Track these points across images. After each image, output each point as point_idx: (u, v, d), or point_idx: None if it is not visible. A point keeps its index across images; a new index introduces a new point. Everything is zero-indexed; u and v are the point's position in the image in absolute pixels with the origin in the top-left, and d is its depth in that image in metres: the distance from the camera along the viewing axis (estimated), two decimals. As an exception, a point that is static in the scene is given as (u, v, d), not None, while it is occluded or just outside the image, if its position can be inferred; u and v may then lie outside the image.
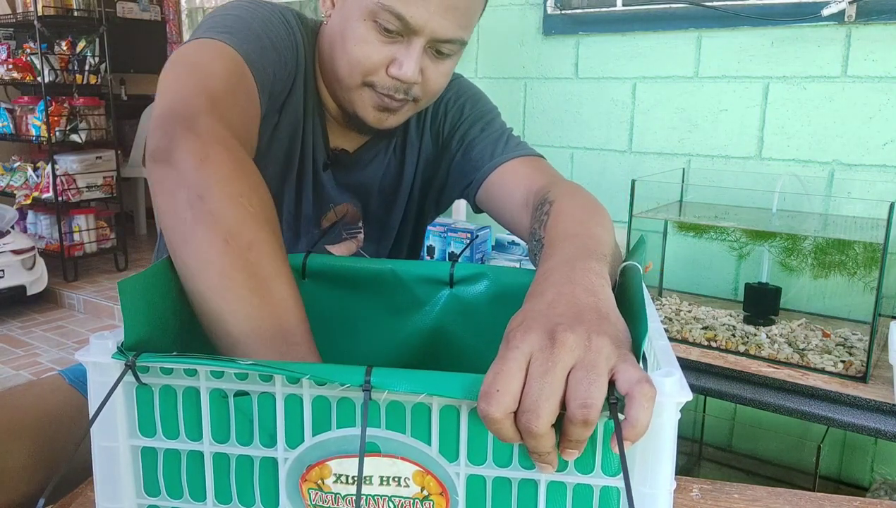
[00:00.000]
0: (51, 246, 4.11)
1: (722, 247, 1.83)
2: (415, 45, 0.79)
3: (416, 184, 1.00)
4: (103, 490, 0.49)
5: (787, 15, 1.73)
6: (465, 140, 0.94)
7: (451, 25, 0.78)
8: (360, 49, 0.80)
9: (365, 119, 0.85)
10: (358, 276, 0.79)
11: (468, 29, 0.82)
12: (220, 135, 0.62)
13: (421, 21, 0.77)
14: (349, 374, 0.43)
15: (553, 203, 0.75)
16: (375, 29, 0.78)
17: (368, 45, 0.79)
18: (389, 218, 1.00)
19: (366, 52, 0.80)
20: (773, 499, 0.73)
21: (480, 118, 0.96)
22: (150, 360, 0.46)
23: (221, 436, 0.48)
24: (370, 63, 0.80)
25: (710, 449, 1.94)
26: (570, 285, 0.50)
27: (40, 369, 3.01)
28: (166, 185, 0.60)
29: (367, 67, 0.80)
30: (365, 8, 0.78)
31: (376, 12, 0.77)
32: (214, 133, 0.62)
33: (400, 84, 0.81)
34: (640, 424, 0.40)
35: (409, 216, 1.02)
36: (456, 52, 0.83)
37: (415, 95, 0.84)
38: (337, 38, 0.83)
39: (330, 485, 0.46)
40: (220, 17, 0.79)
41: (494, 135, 0.94)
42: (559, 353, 0.42)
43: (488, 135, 0.94)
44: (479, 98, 0.99)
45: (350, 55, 0.81)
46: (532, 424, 0.40)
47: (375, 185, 0.98)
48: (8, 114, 4.16)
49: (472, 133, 0.94)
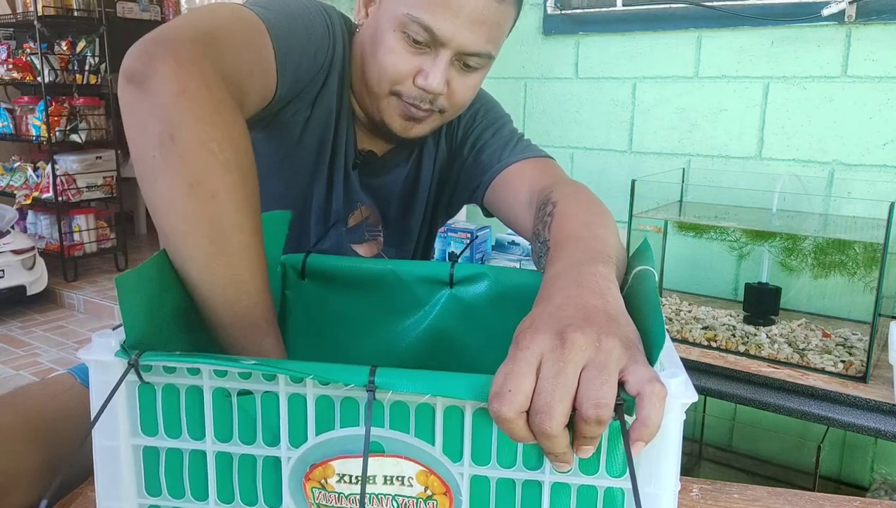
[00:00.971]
0: (51, 246, 4.11)
1: (722, 247, 1.83)
2: (441, 57, 0.80)
3: (432, 189, 1.02)
4: (104, 490, 0.49)
5: (787, 15, 1.73)
6: (476, 145, 0.97)
7: (478, 39, 0.79)
8: (389, 58, 0.81)
9: (391, 127, 0.87)
10: (357, 277, 0.79)
11: (496, 43, 0.83)
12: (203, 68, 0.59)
13: (448, 33, 0.78)
14: (353, 374, 0.43)
15: (556, 204, 0.75)
16: (404, 39, 0.80)
17: (396, 55, 0.81)
18: (408, 223, 1.01)
19: (393, 62, 0.81)
20: (773, 499, 0.73)
21: (492, 124, 0.98)
22: (153, 359, 0.46)
23: (224, 435, 0.48)
24: (397, 72, 0.81)
25: (710, 449, 1.94)
26: (579, 288, 0.51)
27: (40, 369, 3.01)
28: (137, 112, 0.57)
29: (394, 76, 0.82)
30: (395, 18, 0.79)
31: (405, 23, 0.78)
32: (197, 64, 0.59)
33: (426, 94, 0.82)
34: (652, 423, 0.40)
35: (425, 221, 1.03)
36: (484, 65, 0.84)
37: (440, 106, 0.85)
38: (367, 47, 0.84)
39: (333, 485, 0.46)
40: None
41: (504, 139, 0.96)
42: (570, 354, 0.42)
43: (498, 140, 0.96)
44: (493, 105, 1.01)
45: (379, 64, 0.82)
46: (546, 425, 0.40)
47: (395, 191, 0.99)
48: (8, 114, 4.16)
49: (483, 138, 0.96)
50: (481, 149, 0.96)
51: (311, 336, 0.81)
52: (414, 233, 1.02)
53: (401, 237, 1.02)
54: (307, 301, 0.80)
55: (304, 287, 0.80)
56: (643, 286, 0.58)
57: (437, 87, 0.81)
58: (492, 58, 0.83)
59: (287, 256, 0.80)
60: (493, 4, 0.78)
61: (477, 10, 0.77)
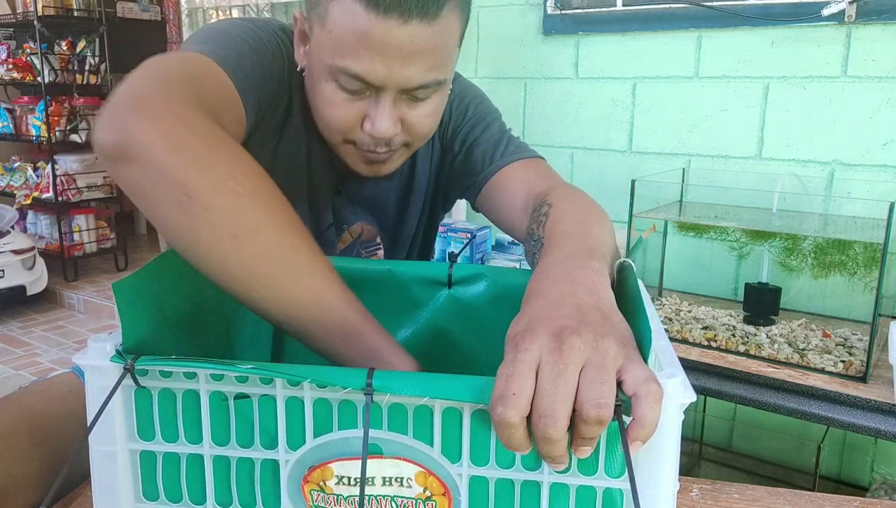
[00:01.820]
0: (51, 246, 4.11)
1: (722, 247, 1.83)
2: (383, 100, 0.74)
3: (429, 189, 0.99)
4: (101, 495, 0.49)
5: (787, 15, 1.73)
6: (466, 141, 0.94)
7: (417, 72, 0.72)
8: (330, 111, 0.76)
9: (358, 171, 0.83)
10: (356, 276, 0.79)
11: (442, 67, 0.75)
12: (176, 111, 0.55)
13: (380, 77, 0.71)
14: (351, 377, 0.43)
15: (552, 205, 0.75)
16: (339, 88, 0.73)
17: (337, 107, 0.75)
18: (403, 227, 1.00)
19: (335, 114, 0.76)
20: (773, 499, 0.73)
21: (482, 119, 0.95)
22: (149, 363, 0.46)
23: (222, 439, 0.48)
24: (343, 123, 0.76)
25: (710, 449, 1.94)
26: (572, 284, 0.50)
27: (40, 369, 3.01)
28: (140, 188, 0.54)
29: (341, 128, 0.77)
30: (324, 69, 0.73)
31: (334, 73, 0.72)
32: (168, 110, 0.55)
33: (378, 139, 0.77)
34: (649, 423, 0.40)
35: (422, 221, 1.02)
36: (436, 91, 0.77)
37: (402, 142, 0.80)
38: (310, 94, 0.79)
39: (332, 487, 0.46)
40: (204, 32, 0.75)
41: (495, 137, 0.93)
42: (568, 356, 0.42)
43: (489, 137, 0.93)
44: (483, 99, 0.98)
45: (321, 117, 0.78)
46: (550, 429, 0.40)
47: (391, 198, 0.97)
48: (8, 114, 4.16)
49: (473, 134, 0.94)
50: (472, 146, 0.93)
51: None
52: (409, 236, 1.00)
53: (395, 241, 1.00)
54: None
55: None
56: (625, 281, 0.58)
57: (387, 132, 0.75)
58: (442, 82, 0.76)
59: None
60: (423, 30, 0.69)
61: (405, 43, 0.69)
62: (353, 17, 0.68)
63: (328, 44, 0.71)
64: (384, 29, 0.68)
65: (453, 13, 0.72)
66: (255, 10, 4.16)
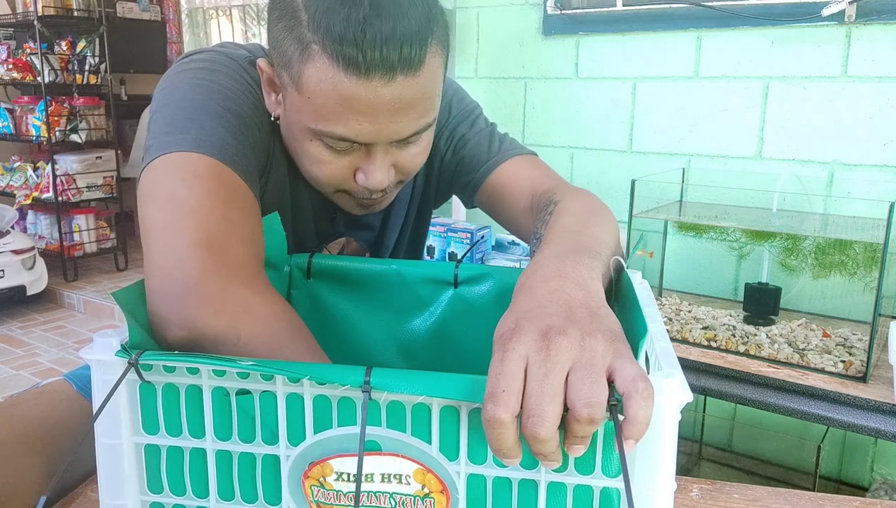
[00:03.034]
0: (51, 246, 4.11)
1: (722, 247, 1.83)
2: (374, 153, 0.71)
3: (413, 196, 0.97)
4: (107, 488, 0.49)
5: (787, 15, 1.73)
6: (453, 137, 0.92)
7: (407, 125, 0.69)
8: (318, 169, 0.73)
9: (352, 213, 0.81)
10: (362, 276, 0.79)
11: (432, 111, 0.72)
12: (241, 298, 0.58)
13: (370, 136, 0.68)
14: (349, 375, 0.43)
15: (558, 204, 0.74)
16: (325, 147, 0.70)
17: (325, 166, 0.72)
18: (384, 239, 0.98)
19: (325, 172, 0.73)
20: (773, 499, 0.73)
21: (467, 116, 0.93)
22: (153, 358, 0.46)
23: (224, 434, 0.48)
24: (333, 180, 0.74)
25: (710, 449, 1.94)
26: (560, 279, 0.50)
27: (40, 369, 3.01)
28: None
29: (332, 182, 0.74)
30: (306, 130, 0.70)
31: (319, 135, 0.69)
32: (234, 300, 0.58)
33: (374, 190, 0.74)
34: (640, 422, 0.40)
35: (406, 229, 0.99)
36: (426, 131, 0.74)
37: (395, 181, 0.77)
38: (291, 148, 0.76)
39: (332, 483, 0.47)
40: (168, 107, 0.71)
41: (485, 131, 0.92)
42: (555, 355, 0.42)
43: (478, 133, 0.91)
44: (462, 94, 0.96)
45: (310, 175, 0.75)
46: (538, 428, 0.40)
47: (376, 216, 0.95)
48: (8, 114, 4.16)
49: (460, 130, 0.92)
50: (462, 143, 0.91)
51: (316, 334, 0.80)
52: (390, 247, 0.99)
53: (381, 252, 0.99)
54: (313, 300, 0.80)
55: (310, 286, 0.80)
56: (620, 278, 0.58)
57: (381, 184, 0.73)
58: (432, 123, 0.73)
59: (293, 256, 0.80)
60: (408, 84, 0.66)
61: (392, 99, 0.65)
62: (333, 84, 0.64)
63: (308, 110, 0.68)
64: (368, 91, 0.64)
65: (436, 56, 0.68)
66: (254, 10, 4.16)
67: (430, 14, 0.67)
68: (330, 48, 0.63)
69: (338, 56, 0.63)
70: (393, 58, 0.63)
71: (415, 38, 0.64)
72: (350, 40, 0.62)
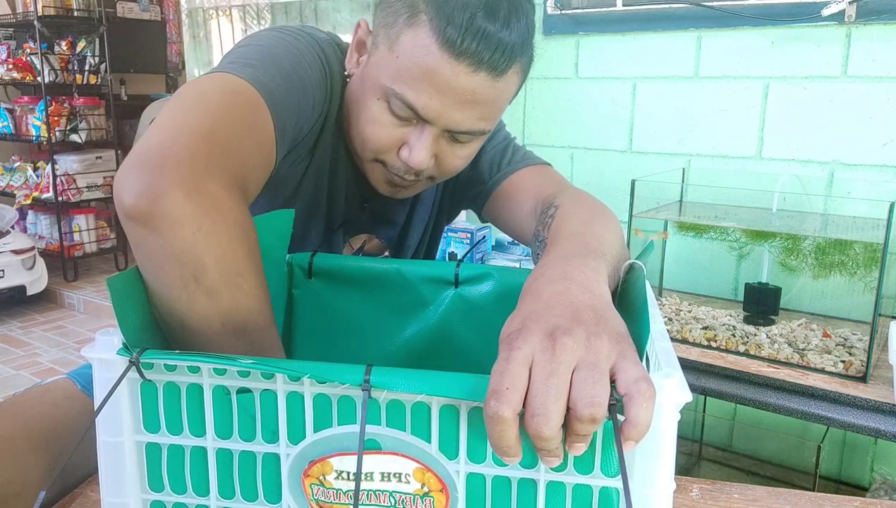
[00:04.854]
0: (51, 246, 4.12)
1: (722, 247, 1.84)
2: (427, 133, 0.75)
3: (435, 203, 1.00)
4: (108, 486, 0.50)
5: (787, 15, 1.73)
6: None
7: (468, 119, 0.73)
8: (372, 129, 0.76)
9: (377, 188, 0.84)
10: (364, 276, 0.79)
11: (492, 119, 0.76)
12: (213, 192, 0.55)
13: (433, 113, 0.72)
14: (349, 373, 0.44)
15: (559, 207, 0.75)
16: (388, 110, 0.74)
17: (379, 127, 0.76)
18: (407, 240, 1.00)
19: (377, 134, 0.76)
20: (773, 499, 0.73)
21: None
22: (154, 357, 0.47)
23: (224, 432, 0.48)
24: (380, 144, 0.77)
25: (710, 449, 1.94)
26: (566, 281, 0.50)
27: (40, 369, 3.01)
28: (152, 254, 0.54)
29: (377, 147, 0.78)
30: (379, 87, 0.74)
31: (388, 96, 0.73)
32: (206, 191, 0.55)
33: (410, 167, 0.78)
34: (641, 423, 0.40)
35: (425, 234, 1.02)
36: (477, 138, 0.78)
37: (428, 175, 0.81)
38: (353, 107, 0.79)
39: (332, 481, 0.47)
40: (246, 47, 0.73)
41: (500, 145, 0.93)
42: (561, 355, 0.42)
43: (494, 146, 0.93)
44: None
45: (362, 132, 0.78)
46: (542, 427, 0.40)
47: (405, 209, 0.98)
48: (8, 114, 4.17)
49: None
50: (478, 157, 0.93)
51: (318, 334, 0.81)
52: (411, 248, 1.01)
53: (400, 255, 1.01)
54: (314, 299, 0.81)
55: (311, 285, 0.81)
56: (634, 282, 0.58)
57: (422, 165, 0.76)
58: (486, 132, 0.77)
59: (294, 255, 0.80)
60: (486, 83, 0.71)
61: (468, 89, 0.71)
62: (424, 51, 0.69)
63: (391, 68, 0.72)
64: (452, 72, 0.69)
65: (517, 75, 0.75)
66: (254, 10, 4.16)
67: (527, 41, 0.74)
68: (437, 23, 0.69)
69: (441, 32, 0.68)
70: (485, 55, 0.69)
71: (508, 50, 0.71)
72: (457, 24, 0.68)
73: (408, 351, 0.80)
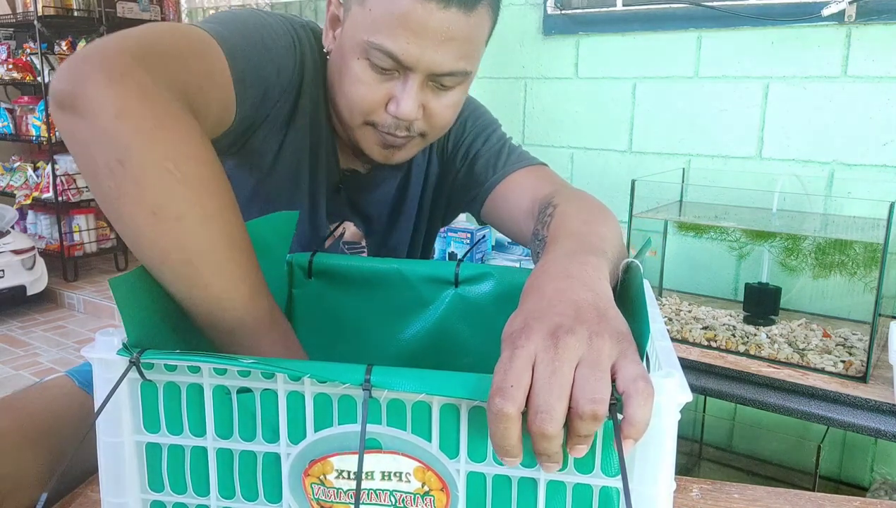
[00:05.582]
0: (51, 246, 4.12)
1: (722, 247, 1.84)
2: (411, 81, 0.76)
3: (425, 203, 0.99)
4: (108, 486, 0.49)
5: (787, 15, 1.73)
6: (468, 155, 0.95)
7: (448, 58, 0.75)
8: (356, 89, 0.77)
9: (371, 156, 0.84)
10: (364, 275, 0.79)
11: (471, 58, 0.78)
12: (140, 79, 0.53)
13: (413, 57, 0.73)
14: (349, 373, 0.44)
15: (557, 206, 0.75)
16: (370, 67, 0.76)
17: (364, 85, 0.77)
18: (390, 238, 0.99)
19: (362, 93, 0.77)
20: (773, 499, 0.73)
21: (482, 131, 0.96)
22: (154, 357, 0.47)
23: (225, 432, 0.48)
24: (367, 103, 0.78)
25: (710, 449, 1.94)
26: (568, 279, 0.50)
27: (40, 369, 3.02)
28: (78, 141, 0.53)
29: (364, 107, 0.78)
30: (357, 46, 0.75)
31: (368, 50, 0.74)
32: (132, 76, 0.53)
33: (400, 121, 0.78)
34: (639, 422, 0.40)
35: (418, 235, 1.01)
36: (461, 82, 0.79)
37: (420, 130, 0.81)
38: (335, 76, 0.81)
39: (332, 480, 0.47)
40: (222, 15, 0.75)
41: (496, 147, 0.94)
42: (563, 353, 0.42)
43: (489, 148, 0.94)
44: (481, 112, 0.99)
45: (347, 95, 0.79)
46: (546, 424, 0.40)
47: (385, 206, 0.97)
48: (8, 114, 4.17)
49: (474, 147, 0.95)
50: (474, 160, 0.93)
51: (318, 333, 0.81)
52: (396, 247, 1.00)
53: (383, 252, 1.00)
54: (314, 299, 0.81)
55: (311, 285, 0.81)
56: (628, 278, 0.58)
57: (411, 114, 0.77)
58: (468, 74, 0.79)
59: (294, 255, 0.81)
60: (459, 18, 0.73)
61: (442, 28, 0.72)
62: None
63: (366, 22, 0.74)
64: (424, 11, 0.71)
65: (487, 11, 0.76)
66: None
67: None
68: None
69: None
70: None
71: None
72: None
73: (408, 350, 0.80)
